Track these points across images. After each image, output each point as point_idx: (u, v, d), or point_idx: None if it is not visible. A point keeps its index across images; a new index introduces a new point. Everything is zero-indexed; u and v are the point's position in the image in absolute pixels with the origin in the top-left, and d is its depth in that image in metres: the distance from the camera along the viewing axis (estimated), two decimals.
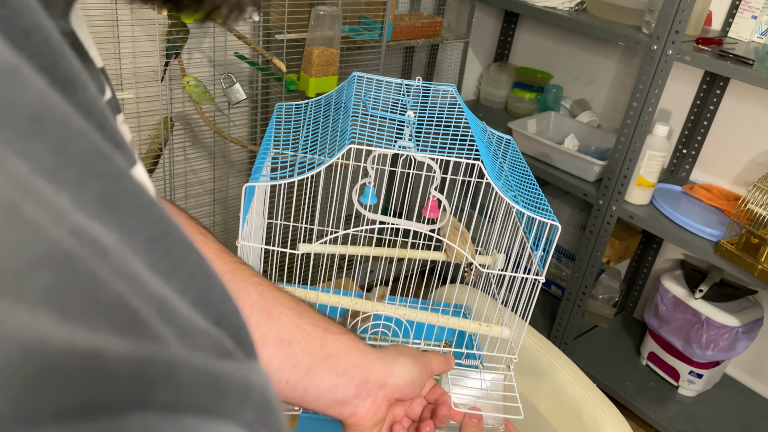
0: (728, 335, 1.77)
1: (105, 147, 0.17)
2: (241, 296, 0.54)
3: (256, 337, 0.52)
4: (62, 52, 0.18)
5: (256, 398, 0.17)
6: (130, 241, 0.17)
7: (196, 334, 0.17)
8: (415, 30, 1.98)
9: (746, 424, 1.87)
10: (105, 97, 0.29)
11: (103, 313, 0.14)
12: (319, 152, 0.70)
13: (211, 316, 0.19)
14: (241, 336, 0.20)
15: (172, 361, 0.15)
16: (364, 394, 0.57)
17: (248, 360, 0.19)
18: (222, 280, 0.20)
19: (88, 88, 0.19)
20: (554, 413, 0.95)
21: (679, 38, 1.58)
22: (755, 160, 1.85)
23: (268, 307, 0.55)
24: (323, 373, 0.55)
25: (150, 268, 0.17)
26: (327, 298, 0.80)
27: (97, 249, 0.15)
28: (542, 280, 0.73)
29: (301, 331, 0.55)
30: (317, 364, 0.55)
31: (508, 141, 0.86)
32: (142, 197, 0.18)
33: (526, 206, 0.70)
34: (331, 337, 0.57)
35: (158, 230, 0.18)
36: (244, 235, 0.71)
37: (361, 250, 0.95)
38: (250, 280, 0.55)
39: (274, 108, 0.86)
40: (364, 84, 0.81)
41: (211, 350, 0.17)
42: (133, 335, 0.15)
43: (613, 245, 2.06)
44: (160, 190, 1.74)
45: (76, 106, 0.18)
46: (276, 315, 0.55)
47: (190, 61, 1.69)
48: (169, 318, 0.16)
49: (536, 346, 1.00)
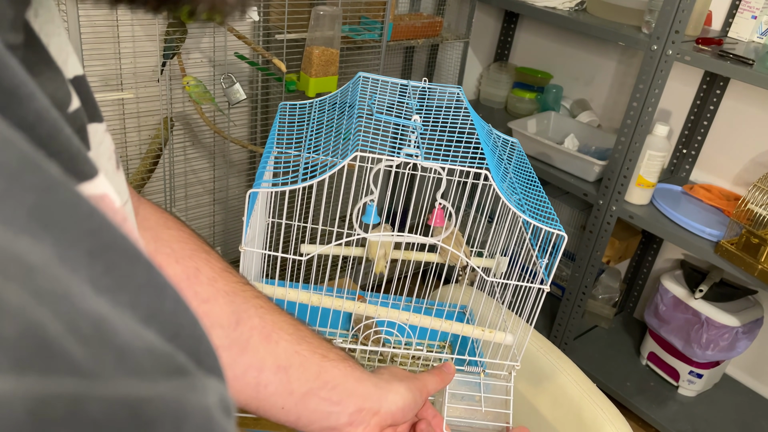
0: (728, 335, 1.77)
1: (38, 157, 0.16)
2: (242, 319, 0.53)
3: (253, 362, 0.51)
4: (4, 63, 0.18)
5: (194, 423, 0.16)
6: (66, 255, 0.16)
7: (139, 355, 0.16)
8: (415, 30, 1.98)
9: (746, 424, 1.87)
10: (70, 108, 0.28)
11: (4, 349, 0.13)
12: (323, 152, 0.69)
13: (165, 331, 0.18)
14: (201, 349, 0.19)
15: (79, 396, 0.13)
16: (356, 422, 0.57)
17: (204, 376, 0.18)
18: (177, 290, 0.19)
19: (35, 99, 0.18)
20: (554, 413, 0.95)
21: (679, 38, 1.58)
22: (755, 160, 1.85)
23: (268, 332, 0.54)
24: (318, 401, 0.55)
25: (91, 284, 0.16)
26: (331, 301, 0.80)
27: (20, 268, 0.14)
28: (547, 289, 0.73)
29: (299, 357, 0.55)
30: (312, 392, 0.55)
31: (514, 144, 0.85)
32: (81, 208, 0.17)
33: (533, 215, 0.70)
34: (329, 365, 0.57)
35: (100, 242, 0.17)
36: (247, 239, 0.71)
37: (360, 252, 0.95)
38: (251, 302, 0.55)
39: (278, 107, 0.86)
40: (369, 85, 0.81)
41: (157, 371, 0.16)
42: (40, 370, 0.13)
43: (613, 245, 2.06)
44: (159, 190, 1.74)
45: (19, 117, 0.18)
46: (275, 340, 0.54)
47: (190, 61, 1.68)
48: (105, 341, 0.15)
49: (536, 346, 1.00)
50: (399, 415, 0.60)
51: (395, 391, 0.60)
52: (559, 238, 0.69)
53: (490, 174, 0.65)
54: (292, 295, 0.79)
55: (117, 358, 0.15)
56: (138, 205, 0.51)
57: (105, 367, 0.15)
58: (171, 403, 0.15)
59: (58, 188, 0.16)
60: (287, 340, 0.55)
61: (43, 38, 0.27)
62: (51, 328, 0.14)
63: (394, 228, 0.76)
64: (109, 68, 1.63)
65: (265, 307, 0.56)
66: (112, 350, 0.15)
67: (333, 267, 1.82)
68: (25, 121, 0.18)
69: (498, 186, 0.66)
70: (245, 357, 0.53)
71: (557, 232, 0.69)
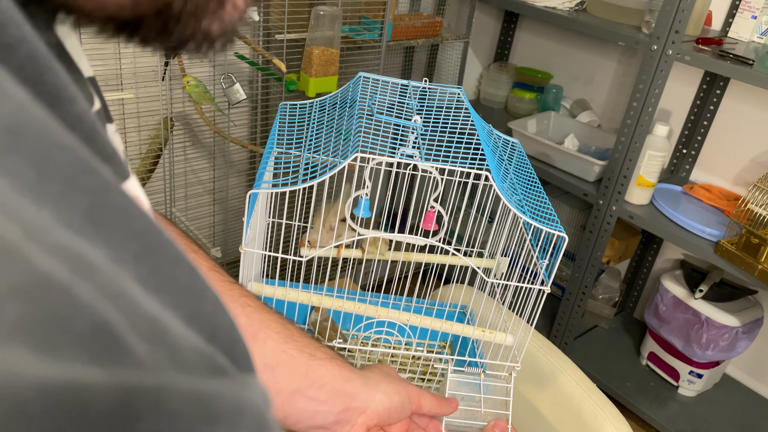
0: (728, 335, 1.77)
1: (91, 160, 0.17)
2: None
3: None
4: (48, 65, 0.18)
5: (250, 418, 0.16)
6: (117, 256, 0.16)
7: (188, 353, 0.16)
8: (415, 30, 1.98)
9: (746, 424, 1.87)
10: (94, 108, 0.28)
11: (81, 341, 0.14)
12: (323, 152, 0.69)
13: (204, 332, 0.18)
14: (237, 350, 0.20)
15: (158, 389, 0.14)
16: (343, 421, 0.57)
17: (244, 375, 0.18)
18: (216, 293, 0.20)
19: (76, 101, 0.19)
20: (554, 413, 0.95)
21: (679, 38, 1.58)
22: (755, 160, 1.85)
23: (255, 331, 0.54)
24: (305, 400, 0.55)
25: (140, 285, 0.16)
26: (331, 302, 0.80)
27: (84, 266, 0.15)
28: (547, 290, 0.73)
29: (287, 356, 0.55)
30: (300, 391, 0.55)
31: (514, 144, 0.85)
32: (130, 210, 0.17)
33: (533, 216, 0.70)
34: (317, 364, 0.57)
35: (147, 244, 0.18)
36: (247, 240, 0.71)
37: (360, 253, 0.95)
38: (238, 301, 0.55)
39: (278, 107, 0.86)
40: (370, 85, 0.81)
41: (203, 369, 0.17)
42: (115, 363, 0.14)
43: (613, 245, 2.06)
44: (159, 190, 1.74)
45: (63, 119, 0.18)
46: (262, 339, 0.54)
47: (190, 61, 1.68)
48: (161, 338, 0.16)
49: (536, 346, 1.00)
50: (385, 415, 0.60)
51: (383, 391, 0.60)
52: (560, 239, 0.69)
53: (491, 175, 0.65)
54: (292, 295, 0.79)
55: (170, 355, 0.16)
56: None
57: (162, 363, 0.15)
58: (230, 398, 0.16)
59: (110, 190, 0.17)
60: (275, 339, 0.55)
61: (63, 38, 0.27)
62: (116, 324, 0.14)
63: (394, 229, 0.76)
64: (109, 68, 1.63)
65: (253, 306, 0.56)
66: (167, 347, 0.16)
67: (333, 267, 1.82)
68: (69, 123, 0.18)
69: (498, 187, 0.66)
70: None
71: (558, 233, 0.69)
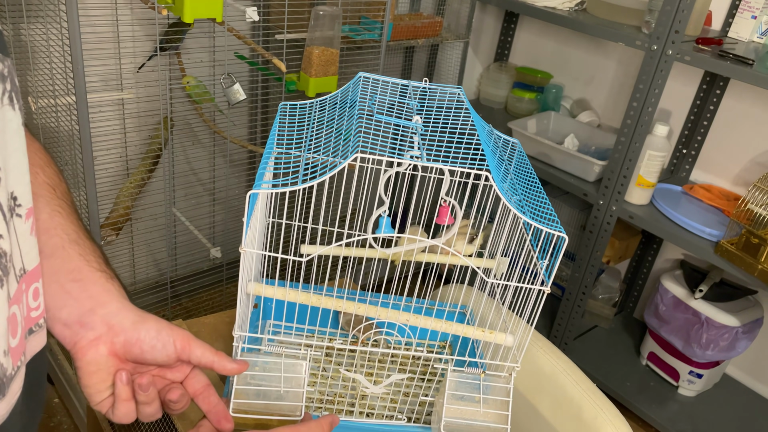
0: (728, 335, 1.77)
1: None
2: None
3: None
4: None
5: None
6: None
7: None
8: (415, 30, 1.98)
9: (746, 424, 1.87)
10: None
11: None
12: (323, 152, 0.69)
13: None
14: None
15: None
16: (88, 326, 0.58)
17: None
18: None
19: None
20: (554, 413, 0.95)
21: (679, 38, 1.58)
22: (755, 160, 1.85)
23: (47, 227, 0.58)
24: (59, 291, 0.57)
25: None
26: (331, 302, 0.80)
27: None
28: (547, 290, 0.73)
29: (64, 252, 0.58)
30: (59, 282, 0.57)
31: (514, 144, 0.85)
32: None
33: (533, 217, 0.70)
34: (87, 268, 0.59)
35: None
36: (247, 241, 0.71)
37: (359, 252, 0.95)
38: (51, 204, 0.60)
39: (278, 107, 0.86)
40: (370, 85, 0.81)
41: None
42: None
43: (613, 245, 2.06)
44: (159, 190, 1.74)
45: None
46: (51, 234, 0.58)
47: (189, 61, 1.68)
48: None
49: (536, 346, 1.00)
50: (134, 340, 0.59)
51: (139, 314, 0.60)
52: (560, 239, 0.69)
53: (491, 175, 0.65)
54: (292, 295, 0.79)
55: None
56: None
57: None
58: None
59: None
60: (60, 237, 0.59)
61: None
62: None
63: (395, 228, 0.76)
64: (109, 68, 1.63)
65: (62, 214, 0.60)
66: None
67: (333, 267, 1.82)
68: None
69: (498, 187, 0.66)
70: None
71: (558, 233, 0.69)
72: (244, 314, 0.81)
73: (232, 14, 1.52)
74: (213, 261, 1.86)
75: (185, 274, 1.89)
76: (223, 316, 1.16)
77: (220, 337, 1.09)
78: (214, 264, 1.91)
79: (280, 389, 0.72)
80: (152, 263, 1.96)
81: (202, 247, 1.75)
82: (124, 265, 1.87)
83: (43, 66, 1.40)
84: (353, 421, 0.86)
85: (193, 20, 1.32)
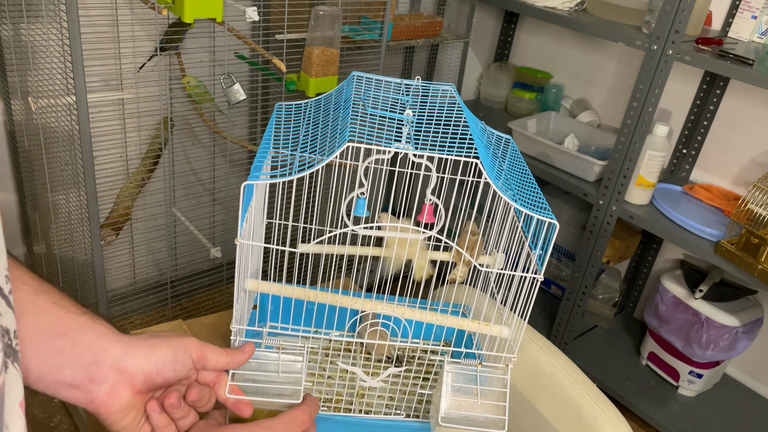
0: (728, 335, 1.77)
1: None
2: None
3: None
4: None
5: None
6: None
7: None
8: (415, 30, 1.98)
9: (746, 424, 1.87)
10: None
11: None
12: (318, 151, 0.70)
13: None
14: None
15: None
16: (99, 379, 0.53)
17: None
18: None
19: None
20: (554, 413, 0.95)
21: (679, 38, 1.58)
22: (755, 160, 1.85)
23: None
24: (49, 351, 0.52)
25: None
26: (327, 296, 0.80)
27: None
28: (540, 278, 0.73)
29: (35, 306, 0.52)
30: (45, 342, 0.51)
31: (508, 141, 0.86)
32: None
33: (525, 205, 0.70)
34: (68, 316, 0.53)
35: None
36: (243, 233, 0.71)
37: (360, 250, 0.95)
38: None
39: (274, 108, 0.86)
40: (364, 84, 0.81)
41: None
42: None
43: (613, 245, 2.06)
44: (159, 190, 1.74)
45: None
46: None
47: (189, 61, 1.69)
48: None
49: (536, 346, 1.00)
50: (154, 372, 0.56)
51: (146, 345, 0.57)
52: (552, 226, 0.69)
53: (482, 165, 0.65)
54: (288, 291, 0.79)
55: None
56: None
57: None
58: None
59: None
60: (23, 291, 0.52)
61: None
62: None
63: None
64: (109, 68, 1.63)
65: (14, 265, 0.52)
66: None
67: (333, 267, 1.82)
68: None
69: (489, 175, 0.66)
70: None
71: (549, 220, 0.69)
72: (242, 309, 0.81)
73: (232, 14, 1.53)
74: (213, 261, 1.86)
75: (185, 274, 1.89)
76: (222, 316, 1.16)
77: (220, 337, 1.09)
78: (214, 264, 1.92)
79: (278, 374, 0.71)
80: (152, 263, 1.97)
81: (202, 247, 1.76)
82: (124, 265, 1.88)
83: (43, 66, 1.41)
84: (351, 417, 0.86)
85: (193, 20, 1.32)
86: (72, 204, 1.49)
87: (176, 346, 0.59)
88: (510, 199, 0.69)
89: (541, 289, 2.29)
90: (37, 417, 1.73)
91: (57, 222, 1.62)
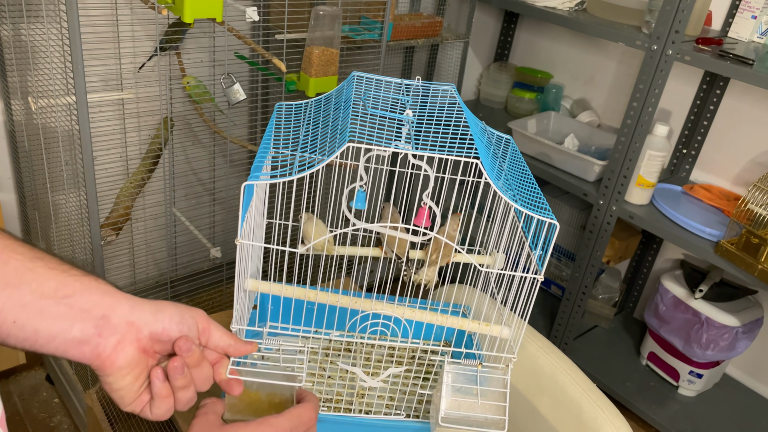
0: (728, 335, 1.77)
1: None
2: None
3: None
4: None
5: None
6: None
7: None
8: (415, 30, 1.98)
9: (746, 424, 1.87)
10: None
11: None
12: (318, 152, 0.70)
13: None
14: None
15: None
16: (107, 333, 0.54)
17: None
18: None
19: None
20: (554, 413, 0.95)
21: (679, 38, 1.58)
22: (755, 160, 1.85)
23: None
24: (57, 312, 0.52)
25: None
26: (327, 296, 0.80)
27: None
28: (541, 278, 0.73)
29: (33, 273, 0.51)
30: (51, 305, 0.52)
31: (508, 141, 0.86)
32: None
33: (525, 205, 0.70)
34: (70, 279, 0.53)
35: None
36: (243, 233, 0.71)
37: (359, 251, 0.95)
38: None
39: (274, 108, 0.86)
40: (364, 84, 0.81)
41: None
42: None
43: (613, 245, 2.06)
44: (159, 190, 1.74)
45: None
46: (4, 260, 0.51)
47: (189, 61, 1.69)
48: None
49: (536, 346, 1.00)
50: (159, 330, 0.57)
51: (154, 303, 0.57)
52: (552, 227, 0.69)
53: (482, 165, 0.65)
54: (288, 291, 0.79)
55: None
56: None
57: None
58: None
59: None
60: (18, 259, 0.51)
61: None
62: None
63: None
64: (109, 68, 1.63)
65: (3, 235, 0.52)
66: None
67: (333, 268, 1.82)
68: None
69: (489, 175, 0.66)
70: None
71: (549, 220, 0.69)
72: (242, 309, 0.81)
73: (232, 14, 1.53)
74: (213, 261, 1.86)
75: (185, 274, 1.89)
76: (222, 316, 1.16)
77: None
78: (214, 264, 1.91)
79: (279, 363, 0.71)
80: (152, 263, 1.97)
81: (202, 247, 1.76)
82: (124, 265, 1.88)
83: (43, 66, 1.41)
84: (351, 417, 0.86)
85: (193, 20, 1.32)
86: (72, 204, 1.49)
87: (184, 309, 0.60)
88: (510, 200, 0.69)
89: (541, 289, 2.29)
90: (37, 417, 1.73)
91: (57, 222, 1.62)
